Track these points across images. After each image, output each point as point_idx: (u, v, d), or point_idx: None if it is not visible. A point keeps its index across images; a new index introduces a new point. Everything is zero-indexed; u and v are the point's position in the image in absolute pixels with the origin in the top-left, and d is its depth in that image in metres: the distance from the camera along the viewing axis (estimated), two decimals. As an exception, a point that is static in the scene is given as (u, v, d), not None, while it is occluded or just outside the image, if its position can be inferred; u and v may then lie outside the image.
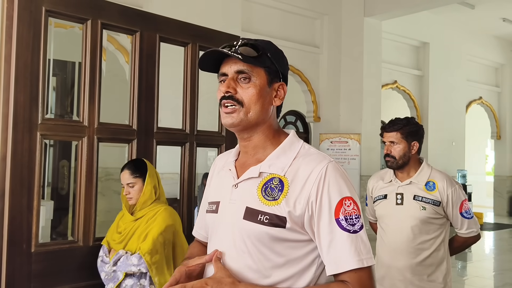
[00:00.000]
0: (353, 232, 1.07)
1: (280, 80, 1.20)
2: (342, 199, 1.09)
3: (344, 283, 1.06)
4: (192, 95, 2.94)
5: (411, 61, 9.61)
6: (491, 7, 9.22)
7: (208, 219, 1.25)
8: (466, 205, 2.30)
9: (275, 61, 1.18)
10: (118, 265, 2.20)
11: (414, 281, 2.24)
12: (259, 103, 1.15)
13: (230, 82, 1.15)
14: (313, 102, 7.53)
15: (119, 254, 2.23)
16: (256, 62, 1.14)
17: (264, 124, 1.18)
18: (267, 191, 1.12)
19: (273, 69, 1.18)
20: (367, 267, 1.07)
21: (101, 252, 2.33)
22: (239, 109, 1.14)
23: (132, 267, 2.18)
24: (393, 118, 2.38)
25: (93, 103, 2.51)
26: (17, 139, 2.24)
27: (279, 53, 1.20)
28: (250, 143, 1.19)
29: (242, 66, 1.14)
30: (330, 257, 1.07)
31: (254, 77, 1.14)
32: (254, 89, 1.14)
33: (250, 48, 1.14)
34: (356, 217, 1.09)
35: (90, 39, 2.51)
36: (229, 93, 1.14)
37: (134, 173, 2.30)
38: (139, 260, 2.18)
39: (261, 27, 6.67)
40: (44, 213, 2.95)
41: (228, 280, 1.08)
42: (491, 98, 11.65)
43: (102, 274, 2.26)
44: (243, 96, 1.14)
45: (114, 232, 2.35)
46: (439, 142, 9.41)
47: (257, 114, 1.15)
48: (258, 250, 1.11)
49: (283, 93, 1.20)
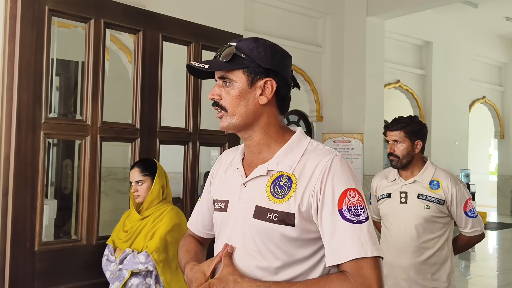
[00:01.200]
0: (357, 222, 1.05)
1: (267, 76, 1.15)
2: (346, 190, 1.08)
3: (343, 274, 1.03)
4: (195, 94, 2.94)
5: (414, 61, 9.58)
6: (495, 6, 9.18)
7: (216, 217, 1.25)
8: (470, 204, 2.29)
9: (254, 58, 1.13)
10: (125, 263, 2.20)
11: (417, 279, 2.23)
12: (241, 105, 1.15)
13: (214, 88, 1.18)
14: (315, 101, 7.52)
15: (126, 252, 2.23)
16: (230, 66, 1.13)
17: (259, 123, 1.17)
18: (275, 188, 1.12)
19: (253, 68, 1.14)
20: (371, 257, 1.03)
21: (106, 251, 2.33)
22: (225, 114, 1.17)
23: (139, 265, 2.18)
24: (396, 117, 2.37)
25: (96, 103, 2.51)
26: (20, 138, 2.24)
27: (265, 49, 1.15)
28: (252, 142, 1.20)
29: (220, 72, 1.16)
30: (332, 248, 1.06)
31: (233, 80, 1.15)
32: (233, 92, 1.15)
33: (228, 51, 1.15)
34: (361, 207, 1.07)
35: (93, 38, 2.51)
36: (213, 99, 1.18)
37: (143, 171, 2.32)
38: (147, 258, 2.18)
39: (263, 26, 6.66)
40: (47, 212, 2.95)
41: (231, 278, 1.09)
42: (495, 97, 11.61)
43: (107, 273, 2.25)
44: (225, 101, 1.16)
45: (120, 231, 2.36)
46: (442, 141, 9.37)
47: (242, 116, 1.16)
48: (267, 249, 1.11)
49: (270, 89, 1.15)
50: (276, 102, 1.19)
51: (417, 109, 9.44)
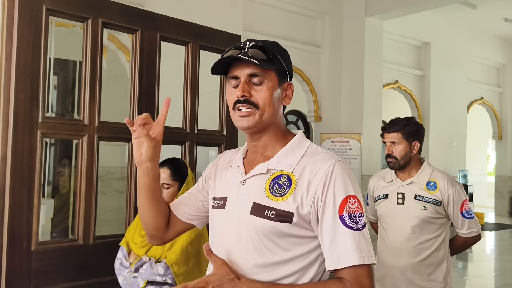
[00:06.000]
0: (356, 229, 1.09)
1: (288, 80, 1.23)
2: (347, 197, 1.11)
3: (341, 281, 1.07)
4: (192, 94, 2.94)
5: (413, 61, 9.59)
6: (493, 7, 9.19)
7: (215, 214, 1.26)
8: (467, 205, 2.30)
9: (284, 62, 1.20)
10: (141, 272, 2.04)
11: (414, 280, 2.24)
12: (272, 105, 1.18)
13: (244, 85, 1.16)
14: (314, 101, 7.53)
15: (142, 261, 2.06)
16: (268, 65, 1.15)
17: (275, 124, 1.21)
18: (275, 187, 1.14)
19: (282, 70, 1.20)
20: (367, 265, 1.08)
21: (120, 254, 2.15)
22: (255, 112, 1.16)
23: (157, 276, 2.02)
24: (393, 119, 2.37)
25: (93, 102, 2.51)
26: (17, 138, 2.24)
27: (285, 53, 1.23)
28: (260, 143, 1.22)
29: (254, 70, 1.16)
30: (331, 253, 1.09)
31: (267, 79, 1.17)
32: (267, 92, 1.17)
33: (259, 51, 1.16)
34: (359, 215, 1.11)
35: (91, 37, 2.51)
36: (245, 97, 1.16)
37: (173, 176, 2.11)
38: (166, 270, 2.02)
39: (262, 27, 6.66)
40: (44, 211, 2.95)
41: (228, 277, 1.09)
42: (493, 98, 11.63)
43: (119, 277, 2.10)
44: (257, 98, 1.16)
45: (136, 233, 2.17)
46: (440, 142, 9.39)
47: (270, 115, 1.18)
48: (264, 245, 1.12)
49: (291, 92, 1.23)
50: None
51: (415, 110, 9.46)
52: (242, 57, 1.14)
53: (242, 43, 1.19)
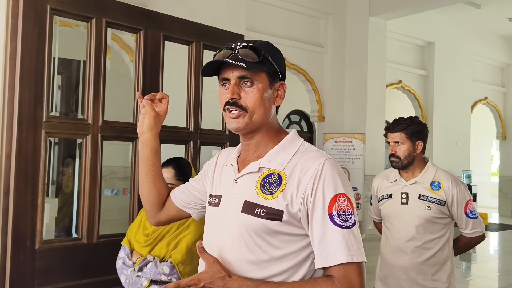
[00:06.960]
0: (345, 227, 1.09)
1: (280, 80, 1.22)
2: (336, 195, 1.11)
3: (331, 279, 1.08)
4: (196, 93, 2.95)
5: (416, 61, 9.57)
6: (497, 7, 9.16)
7: (210, 212, 1.28)
8: (471, 205, 2.29)
9: (275, 62, 1.19)
10: (145, 271, 2.01)
11: (418, 280, 2.23)
12: (262, 106, 1.17)
13: (233, 88, 1.16)
14: (317, 101, 7.52)
15: (147, 260, 2.04)
16: (257, 67, 1.15)
17: (267, 124, 1.21)
18: (265, 185, 1.15)
19: (273, 70, 1.19)
20: (356, 263, 1.08)
21: (122, 253, 2.12)
22: (244, 114, 1.16)
23: (162, 276, 2.00)
24: (397, 118, 2.37)
25: (97, 102, 2.52)
26: (22, 137, 2.25)
27: (277, 53, 1.22)
28: (252, 142, 1.22)
29: (244, 72, 1.16)
30: (321, 251, 1.09)
31: (257, 81, 1.16)
32: (257, 93, 1.16)
33: (250, 51, 1.15)
34: (349, 213, 1.11)
35: (95, 37, 2.51)
36: (234, 99, 1.16)
37: (178, 176, 2.09)
38: (172, 269, 2.00)
39: (265, 26, 6.66)
40: (48, 210, 2.95)
41: (220, 275, 1.10)
42: (497, 98, 11.59)
43: (122, 277, 2.08)
44: (246, 100, 1.16)
45: (139, 233, 2.14)
46: (444, 142, 9.37)
47: (261, 117, 1.18)
48: (255, 243, 1.13)
49: (284, 92, 1.22)
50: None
51: (418, 110, 9.44)
52: (229, 61, 1.14)
53: (234, 43, 1.19)
